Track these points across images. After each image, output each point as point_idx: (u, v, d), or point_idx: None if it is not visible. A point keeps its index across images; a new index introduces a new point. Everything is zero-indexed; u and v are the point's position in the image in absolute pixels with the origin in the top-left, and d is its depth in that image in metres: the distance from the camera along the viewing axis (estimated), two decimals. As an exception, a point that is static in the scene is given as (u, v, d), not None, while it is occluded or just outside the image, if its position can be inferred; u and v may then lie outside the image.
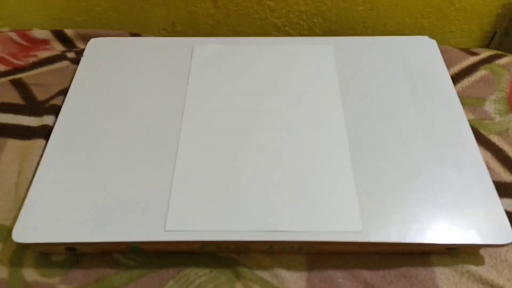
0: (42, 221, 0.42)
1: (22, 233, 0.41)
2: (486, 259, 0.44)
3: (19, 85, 0.59)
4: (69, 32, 0.68)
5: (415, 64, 0.57)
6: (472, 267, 0.43)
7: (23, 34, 0.67)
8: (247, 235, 0.41)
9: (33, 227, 0.42)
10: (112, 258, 0.44)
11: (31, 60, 0.63)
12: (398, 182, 0.45)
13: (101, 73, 0.57)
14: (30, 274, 0.43)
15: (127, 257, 0.45)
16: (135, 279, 0.43)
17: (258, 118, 0.51)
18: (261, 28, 0.75)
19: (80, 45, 0.68)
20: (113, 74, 0.56)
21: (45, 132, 0.53)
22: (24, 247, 0.44)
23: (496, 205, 0.43)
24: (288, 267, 0.44)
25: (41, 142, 0.52)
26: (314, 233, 0.41)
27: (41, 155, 0.49)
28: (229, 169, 0.46)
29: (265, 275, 0.43)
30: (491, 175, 0.46)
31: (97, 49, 0.60)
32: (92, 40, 0.61)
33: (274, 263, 0.44)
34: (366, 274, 0.43)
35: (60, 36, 0.68)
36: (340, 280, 0.43)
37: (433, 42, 0.61)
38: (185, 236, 0.41)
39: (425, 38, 0.61)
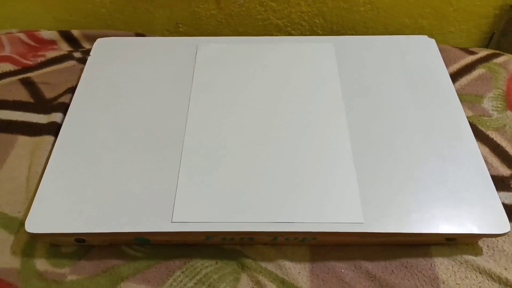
0: (53, 213, 0.44)
1: (34, 224, 0.43)
2: (484, 249, 0.45)
3: (28, 84, 0.61)
4: (75, 32, 0.70)
5: (414, 63, 0.59)
6: (470, 257, 0.44)
7: (31, 35, 0.68)
8: (252, 226, 0.43)
9: (44, 219, 0.43)
10: (119, 249, 0.46)
11: (39, 59, 0.64)
12: (399, 176, 0.46)
13: (107, 71, 0.58)
14: (41, 264, 0.44)
15: (134, 249, 0.46)
16: (143, 269, 0.44)
17: (261, 114, 0.52)
18: (264, 29, 0.76)
19: (86, 45, 0.70)
20: (119, 72, 0.58)
21: (53, 129, 0.54)
22: (35, 238, 0.46)
23: (493, 197, 0.44)
24: (292, 259, 0.45)
25: (49, 138, 0.54)
26: (317, 224, 0.43)
27: (50, 150, 0.51)
28: (233, 162, 0.47)
29: (270, 266, 0.45)
30: (489, 169, 0.48)
31: (103, 49, 0.62)
32: (99, 40, 0.63)
33: (278, 254, 0.45)
34: (368, 264, 0.44)
35: (67, 37, 0.70)
36: (342, 270, 0.44)
37: (432, 41, 0.62)
38: (191, 227, 0.42)
39: (424, 38, 0.63)
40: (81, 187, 0.46)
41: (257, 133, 0.50)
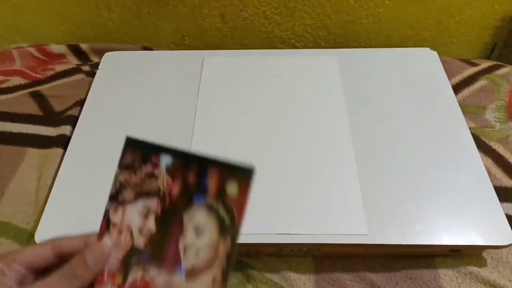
0: (62, 225, 0.45)
1: (44, 236, 0.43)
2: (488, 261, 0.45)
3: (38, 97, 0.62)
4: (84, 46, 0.71)
5: (417, 75, 0.59)
6: (474, 269, 0.45)
7: (41, 49, 0.70)
8: (257, 238, 0.43)
9: (54, 231, 0.44)
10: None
11: (49, 73, 0.66)
12: (403, 187, 0.47)
13: (115, 85, 0.59)
14: (49, 276, 0.45)
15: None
16: (150, 280, 0.45)
17: (265, 126, 0.53)
18: (268, 41, 0.77)
19: (94, 58, 0.71)
20: (127, 86, 0.59)
21: (62, 141, 0.55)
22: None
23: (497, 208, 0.45)
24: (297, 270, 0.45)
25: (58, 150, 0.55)
26: (322, 236, 0.43)
27: (59, 163, 0.52)
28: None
29: (275, 277, 0.45)
30: (492, 181, 0.48)
31: (111, 62, 0.63)
32: (107, 54, 0.64)
33: (283, 265, 0.46)
34: (372, 276, 0.45)
35: (76, 50, 0.71)
36: (347, 282, 0.44)
37: (434, 53, 0.63)
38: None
39: (427, 50, 0.64)
40: (90, 199, 0.46)
41: (262, 145, 0.51)
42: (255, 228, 0.44)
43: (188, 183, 0.27)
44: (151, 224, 0.27)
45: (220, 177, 0.27)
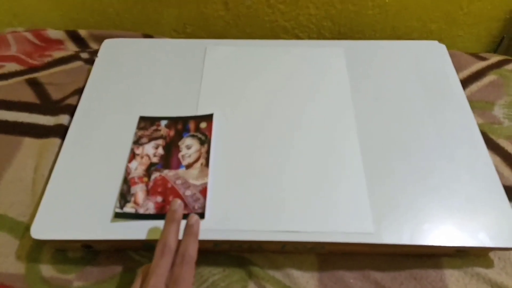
0: (59, 219, 0.43)
1: (40, 230, 0.42)
2: (496, 261, 0.44)
3: (34, 84, 0.60)
4: (82, 32, 0.69)
5: (425, 68, 0.58)
6: (481, 270, 0.44)
7: (37, 34, 0.68)
8: (260, 235, 0.42)
9: (50, 225, 0.43)
10: (126, 255, 0.45)
11: (46, 59, 0.64)
12: (409, 184, 0.46)
13: (115, 73, 0.57)
14: (47, 270, 0.44)
15: (140, 255, 0.45)
16: (150, 276, 0.44)
17: (270, 120, 0.52)
18: (271, 30, 0.75)
19: (93, 45, 0.69)
20: (127, 74, 0.57)
21: (60, 131, 0.54)
22: (41, 244, 0.45)
23: (506, 208, 0.44)
24: (300, 267, 0.45)
25: (56, 140, 0.53)
26: (326, 234, 0.42)
27: (57, 153, 0.50)
28: (242, 169, 0.47)
29: (277, 274, 0.44)
30: (500, 179, 0.47)
31: (111, 50, 0.61)
32: (106, 41, 0.62)
33: (286, 262, 0.45)
34: (377, 275, 0.44)
35: (74, 37, 0.69)
36: (351, 280, 0.44)
37: (443, 47, 0.61)
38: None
39: (435, 43, 0.62)
40: (88, 191, 0.45)
41: (266, 140, 0.49)
42: (258, 224, 0.42)
43: (178, 129, 0.50)
44: (160, 151, 0.48)
45: (195, 123, 0.50)
